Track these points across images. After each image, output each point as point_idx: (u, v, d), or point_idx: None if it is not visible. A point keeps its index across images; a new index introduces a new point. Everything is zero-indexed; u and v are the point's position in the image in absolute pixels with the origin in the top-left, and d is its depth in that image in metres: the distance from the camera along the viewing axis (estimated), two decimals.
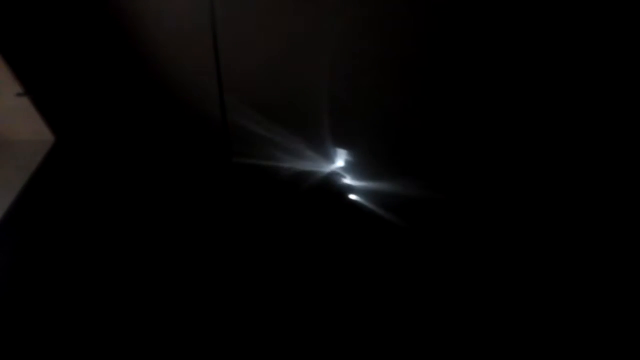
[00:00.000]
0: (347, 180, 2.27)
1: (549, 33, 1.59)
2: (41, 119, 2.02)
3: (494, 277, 2.23)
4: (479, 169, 2.10)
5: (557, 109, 1.80)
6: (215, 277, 2.14)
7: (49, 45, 1.84)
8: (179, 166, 2.28)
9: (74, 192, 2.12)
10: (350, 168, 2.24)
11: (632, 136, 1.80)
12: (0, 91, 1.89)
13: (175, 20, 1.76)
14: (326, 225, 2.34)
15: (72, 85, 1.98)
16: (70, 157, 2.13)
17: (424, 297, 2.19)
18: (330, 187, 2.29)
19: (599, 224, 2.10)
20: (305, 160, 2.22)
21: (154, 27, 1.77)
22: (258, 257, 2.23)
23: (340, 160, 2.20)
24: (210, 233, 2.24)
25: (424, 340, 2.09)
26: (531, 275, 2.20)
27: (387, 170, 2.23)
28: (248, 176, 2.31)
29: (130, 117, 2.12)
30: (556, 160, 1.97)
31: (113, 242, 2.12)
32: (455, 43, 1.69)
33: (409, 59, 1.77)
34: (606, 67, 1.64)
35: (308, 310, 2.12)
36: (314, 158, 2.20)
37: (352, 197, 2.31)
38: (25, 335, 1.79)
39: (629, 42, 1.54)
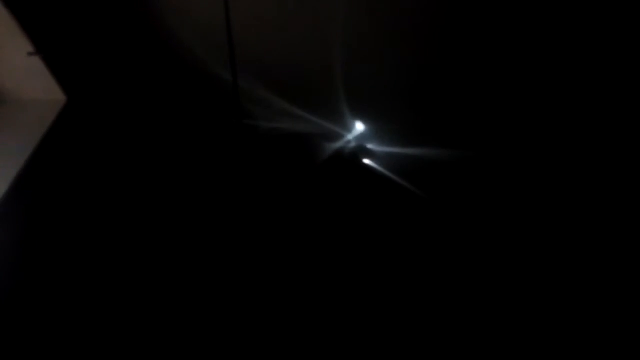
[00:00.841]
0: (363, 145, 2.26)
1: None
2: (53, 79, 2.02)
3: (506, 250, 2.21)
4: (497, 133, 2.08)
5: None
6: (225, 243, 2.16)
7: (60, 4, 1.84)
8: (191, 127, 2.29)
9: (85, 153, 2.15)
10: (366, 133, 2.23)
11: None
12: (11, 50, 1.89)
13: None
14: (341, 191, 2.33)
15: (83, 44, 1.98)
16: (82, 117, 2.14)
17: (437, 270, 2.18)
18: (345, 152, 2.29)
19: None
20: (319, 125, 2.21)
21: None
22: (269, 223, 2.24)
23: (355, 125, 2.19)
24: (221, 196, 2.25)
25: (435, 319, 2.07)
26: (548, 250, 2.19)
27: (404, 135, 2.21)
28: (260, 140, 2.31)
29: (141, 77, 2.12)
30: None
31: (122, 207, 2.14)
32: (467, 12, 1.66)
33: (423, 24, 1.75)
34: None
35: (319, 280, 2.13)
36: (328, 123, 2.19)
37: (368, 161, 2.31)
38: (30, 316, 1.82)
39: None
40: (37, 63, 1.94)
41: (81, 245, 2.01)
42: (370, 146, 2.24)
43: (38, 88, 2.08)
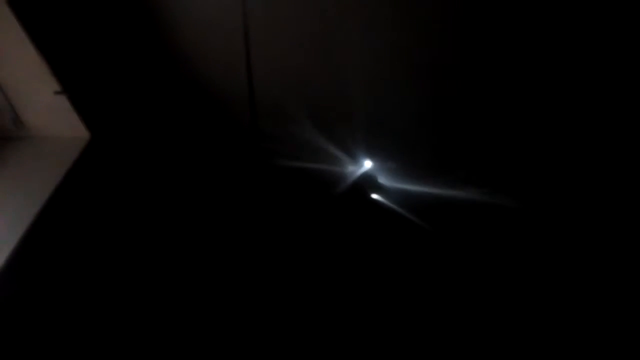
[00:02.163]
0: (375, 181, 2.25)
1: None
2: (77, 116, 2.05)
3: (513, 291, 2.19)
4: (513, 173, 2.06)
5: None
6: (236, 272, 2.16)
7: (85, 44, 1.88)
8: (210, 164, 2.30)
9: (108, 189, 2.16)
10: (378, 169, 2.22)
11: None
12: (38, 89, 1.93)
13: (208, 20, 1.77)
14: (350, 225, 2.33)
15: (107, 83, 2.01)
16: (105, 154, 2.16)
17: (441, 306, 2.17)
18: (357, 188, 2.28)
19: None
20: (333, 161, 2.21)
21: (187, 27, 1.79)
22: (279, 255, 2.24)
23: (368, 161, 2.18)
24: (236, 230, 2.26)
25: (438, 341, 2.07)
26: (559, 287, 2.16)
27: (416, 172, 2.20)
28: (276, 176, 2.32)
29: (163, 116, 2.14)
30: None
31: (145, 238, 2.15)
32: (487, 44, 1.65)
33: (439, 62, 1.75)
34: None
35: (325, 309, 2.12)
36: (341, 159, 2.19)
37: (377, 197, 2.29)
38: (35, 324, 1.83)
39: None
40: (62, 101, 1.97)
41: (102, 285, 2.01)
42: (380, 181, 2.23)
43: (62, 125, 2.11)
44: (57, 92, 1.92)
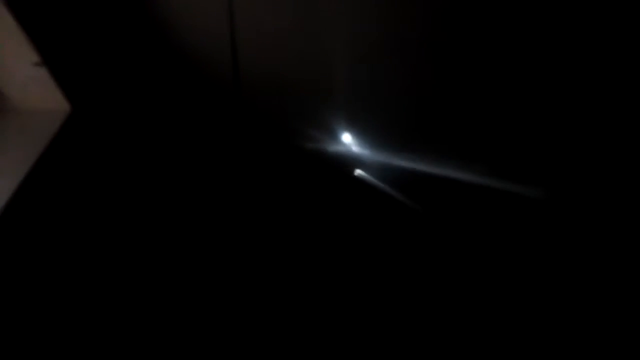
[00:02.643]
0: (356, 155, 2.26)
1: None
2: (57, 89, 2.03)
3: (499, 263, 2.21)
4: (495, 148, 2.08)
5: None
6: (216, 248, 2.17)
7: (65, 14, 1.85)
8: (194, 139, 2.30)
9: (90, 162, 2.16)
10: (359, 143, 2.23)
11: None
12: (17, 61, 1.90)
13: None
14: (331, 202, 2.35)
15: (88, 54, 1.99)
16: (87, 127, 2.15)
17: (428, 284, 2.19)
18: (338, 162, 2.29)
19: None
20: (314, 137, 2.22)
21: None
22: (257, 236, 2.24)
23: (348, 135, 2.18)
24: (218, 206, 2.27)
25: (426, 330, 2.09)
26: (542, 266, 2.19)
27: (398, 146, 2.21)
28: (258, 152, 2.33)
29: (145, 88, 2.13)
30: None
31: (127, 218, 2.15)
32: (469, 20, 1.67)
33: (424, 39, 1.77)
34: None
35: (308, 290, 2.14)
36: (322, 135, 2.20)
37: (360, 172, 2.31)
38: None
39: None
40: (41, 72, 1.95)
41: (84, 255, 2.01)
42: (363, 156, 2.24)
43: (42, 97, 2.09)
44: (36, 64, 1.89)
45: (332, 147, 2.22)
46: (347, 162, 2.27)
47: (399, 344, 2.01)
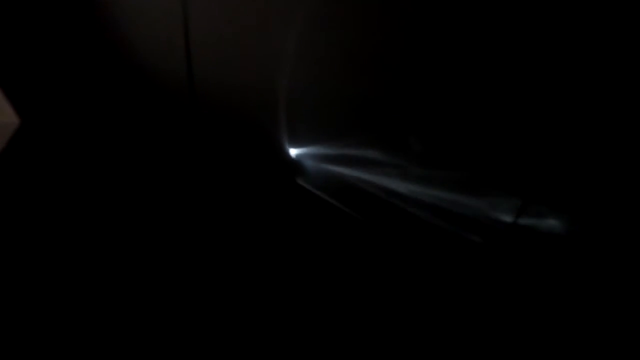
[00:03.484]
0: (301, 164, 2.28)
1: None
2: (7, 103, 2.00)
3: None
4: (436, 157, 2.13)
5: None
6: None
7: (13, 26, 1.85)
8: (148, 150, 2.29)
9: (39, 176, 2.11)
10: (304, 154, 2.26)
11: None
12: None
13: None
14: (276, 211, 2.33)
15: (37, 67, 1.98)
16: (37, 140, 2.11)
17: (366, 292, 2.14)
18: (283, 173, 2.30)
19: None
20: (262, 145, 2.22)
21: (123, 8, 1.81)
22: (205, 245, 2.20)
23: (294, 148, 2.20)
24: (167, 215, 2.22)
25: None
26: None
27: (343, 157, 2.24)
28: (209, 159, 2.33)
29: (98, 100, 2.13)
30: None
31: (75, 227, 2.10)
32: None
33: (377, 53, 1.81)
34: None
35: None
36: (270, 144, 2.19)
37: (304, 184, 2.33)
38: None
39: None
40: None
41: (35, 271, 1.94)
42: (306, 165, 2.25)
43: None
44: None
45: (278, 155, 2.23)
46: (291, 170, 2.29)
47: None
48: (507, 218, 2.08)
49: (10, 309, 1.82)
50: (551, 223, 2.05)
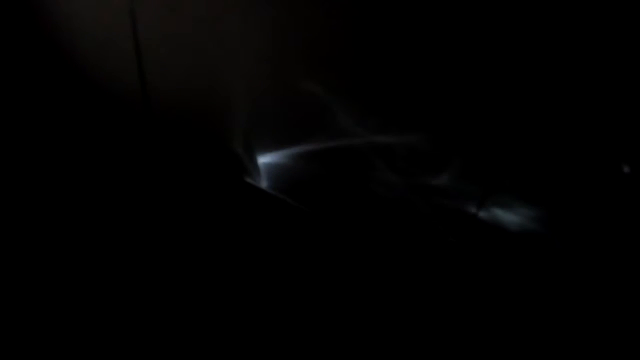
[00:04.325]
0: (249, 161, 2.25)
1: None
2: None
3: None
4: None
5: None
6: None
7: None
8: (96, 151, 2.21)
9: None
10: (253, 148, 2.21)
11: None
12: None
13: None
14: (225, 210, 2.30)
15: None
16: None
17: (318, 287, 2.12)
18: (230, 171, 2.29)
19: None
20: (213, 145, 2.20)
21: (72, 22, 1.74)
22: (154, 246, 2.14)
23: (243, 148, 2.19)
24: (123, 222, 2.15)
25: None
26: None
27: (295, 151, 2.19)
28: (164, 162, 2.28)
29: (43, 104, 2.04)
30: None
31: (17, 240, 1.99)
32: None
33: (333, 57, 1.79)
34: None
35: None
36: (220, 144, 2.18)
37: (250, 180, 2.31)
38: None
39: None
40: None
41: None
42: (257, 162, 2.24)
43: None
44: None
45: (227, 154, 2.21)
46: (239, 168, 2.26)
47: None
48: (471, 209, 2.10)
49: (7, 310, 1.77)
50: (513, 215, 2.09)
